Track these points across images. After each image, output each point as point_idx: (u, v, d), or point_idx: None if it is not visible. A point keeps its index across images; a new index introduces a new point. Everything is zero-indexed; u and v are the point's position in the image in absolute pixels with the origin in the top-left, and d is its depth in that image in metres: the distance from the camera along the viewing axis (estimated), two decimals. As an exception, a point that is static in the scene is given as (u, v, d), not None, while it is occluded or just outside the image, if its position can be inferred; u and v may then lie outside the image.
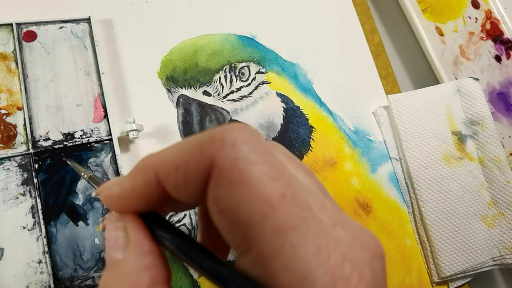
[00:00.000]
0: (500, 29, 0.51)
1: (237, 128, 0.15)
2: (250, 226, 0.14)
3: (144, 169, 0.17)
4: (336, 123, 0.43)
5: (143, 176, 0.17)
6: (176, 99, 0.39)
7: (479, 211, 0.42)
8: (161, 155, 0.16)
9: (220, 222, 0.15)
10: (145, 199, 0.17)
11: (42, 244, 0.31)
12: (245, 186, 0.14)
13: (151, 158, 0.17)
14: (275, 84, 0.42)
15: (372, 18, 0.50)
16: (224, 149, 0.14)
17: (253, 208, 0.14)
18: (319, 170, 0.41)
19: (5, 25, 0.36)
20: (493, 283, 0.49)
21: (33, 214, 0.32)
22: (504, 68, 0.50)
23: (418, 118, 0.43)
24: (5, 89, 0.34)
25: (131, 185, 0.17)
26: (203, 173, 0.15)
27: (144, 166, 0.17)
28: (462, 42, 0.50)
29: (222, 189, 0.14)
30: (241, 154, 0.14)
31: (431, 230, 0.41)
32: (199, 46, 0.41)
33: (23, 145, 0.33)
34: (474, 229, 0.42)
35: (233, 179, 0.14)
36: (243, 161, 0.14)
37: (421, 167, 0.42)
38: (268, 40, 0.44)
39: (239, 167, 0.14)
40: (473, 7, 0.51)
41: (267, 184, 0.14)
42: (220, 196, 0.15)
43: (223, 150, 0.14)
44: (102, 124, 0.36)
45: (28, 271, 0.31)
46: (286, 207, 0.14)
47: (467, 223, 0.42)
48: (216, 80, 0.40)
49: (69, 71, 0.36)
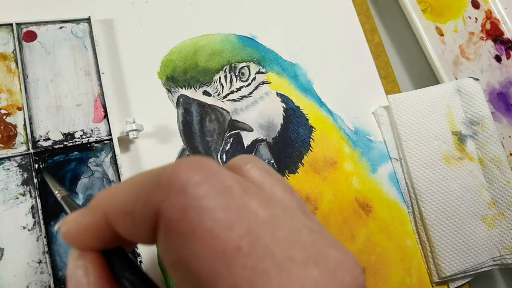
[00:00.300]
0: (500, 29, 0.51)
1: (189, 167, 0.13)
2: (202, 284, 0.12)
3: (94, 210, 0.16)
4: (336, 123, 0.43)
5: (94, 217, 0.16)
6: (176, 99, 0.39)
7: (479, 211, 0.42)
8: (112, 195, 0.15)
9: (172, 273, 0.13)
10: (99, 238, 0.16)
11: (42, 244, 0.31)
12: (196, 240, 0.12)
13: (102, 197, 0.16)
14: (275, 84, 0.42)
15: (372, 18, 0.50)
16: (170, 197, 0.13)
17: (205, 265, 0.12)
18: (319, 170, 0.41)
19: (5, 25, 0.36)
20: (493, 283, 0.49)
21: (33, 214, 0.32)
22: (504, 68, 0.50)
23: (418, 118, 0.43)
24: (5, 89, 0.34)
25: (84, 224, 0.16)
26: (150, 222, 0.13)
27: (95, 206, 0.16)
28: (462, 42, 0.50)
29: (171, 241, 0.13)
30: (191, 202, 0.13)
31: (431, 230, 0.41)
32: (199, 46, 0.41)
33: (23, 145, 0.33)
34: (474, 229, 0.42)
35: (182, 232, 0.12)
36: (193, 210, 0.13)
37: (421, 167, 0.42)
38: (268, 40, 0.44)
39: (188, 217, 0.12)
40: (473, 7, 0.51)
41: (221, 235, 0.12)
42: (169, 247, 0.13)
43: (169, 198, 0.13)
44: (102, 124, 0.36)
45: (28, 271, 0.31)
46: (241, 262, 0.12)
47: (467, 223, 0.42)
48: (216, 80, 0.40)
49: (69, 71, 0.36)
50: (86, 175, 0.34)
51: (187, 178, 0.13)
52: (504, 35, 0.50)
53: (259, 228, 0.13)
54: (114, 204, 0.15)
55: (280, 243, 0.13)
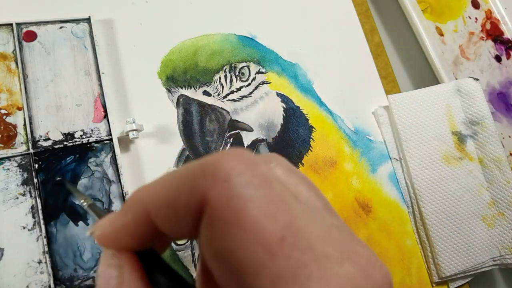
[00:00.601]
0: (500, 29, 0.51)
1: (231, 157, 0.13)
2: (245, 274, 0.12)
3: (134, 206, 0.16)
4: (336, 123, 0.43)
5: (133, 214, 0.16)
6: (176, 99, 0.39)
7: (479, 211, 0.42)
8: (151, 190, 0.15)
9: (213, 265, 0.13)
10: (138, 236, 0.16)
11: (42, 244, 0.31)
12: (241, 229, 0.12)
13: (141, 193, 0.16)
14: (275, 84, 0.42)
15: (372, 18, 0.50)
16: (216, 185, 0.13)
17: (249, 254, 0.12)
18: (319, 170, 0.41)
19: (5, 25, 0.36)
20: (493, 283, 0.49)
21: (33, 214, 0.32)
22: (504, 68, 0.50)
23: (418, 118, 0.43)
24: (5, 89, 0.34)
25: (122, 223, 0.16)
26: (194, 211, 0.13)
27: (134, 202, 0.16)
28: (462, 42, 0.50)
29: (215, 231, 0.13)
30: (236, 190, 0.13)
31: (431, 230, 0.41)
32: (199, 46, 0.41)
33: (23, 145, 0.33)
34: (474, 229, 0.42)
35: (227, 220, 0.13)
36: (238, 199, 0.13)
37: (421, 167, 0.42)
38: (268, 40, 0.44)
39: (234, 206, 0.13)
40: (473, 7, 0.51)
41: (265, 225, 0.12)
42: (212, 237, 0.13)
43: (215, 186, 0.13)
44: (102, 124, 0.36)
45: (28, 271, 0.31)
46: (285, 253, 0.12)
47: (467, 223, 0.42)
48: (216, 80, 0.40)
49: (69, 71, 0.36)
50: (86, 175, 0.34)
51: (232, 167, 0.13)
52: (504, 35, 0.50)
53: (299, 222, 0.13)
54: (155, 197, 0.15)
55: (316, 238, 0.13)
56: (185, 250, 0.35)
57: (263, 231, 0.12)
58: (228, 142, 0.39)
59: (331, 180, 0.41)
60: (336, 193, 0.40)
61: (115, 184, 0.34)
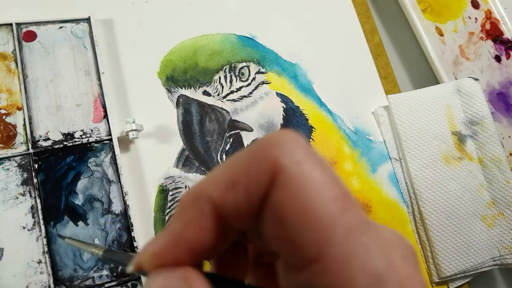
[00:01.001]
0: (500, 29, 0.51)
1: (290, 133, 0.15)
2: (320, 229, 0.13)
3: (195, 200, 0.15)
4: (336, 123, 0.43)
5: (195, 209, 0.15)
6: (176, 99, 0.39)
7: (479, 211, 0.42)
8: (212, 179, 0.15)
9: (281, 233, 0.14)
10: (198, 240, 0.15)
11: (42, 244, 0.31)
12: (312, 187, 0.14)
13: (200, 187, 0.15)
14: (275, 84, 0.42)
15: (372, 18, 0.50)
16: (287, 152, 0.14)
17: (323, 209, 0.13)
18: (319, 170, 0.41)
19: (5, 25, 0.36)
20: (493, 283, 0.49)
21: (33, 214, 0.32)
22: (504, 68, 0.50)
23: (418, 118, 0.43)
24: (5, 89, 0.34)
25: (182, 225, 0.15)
26: (266, 180, 0.14)
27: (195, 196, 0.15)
28: (462, 42, 0.50)
29: (288, 192, 0.14)
30: (303, 156, 0.14)
31: (431, 230, 0.41)
32: (199, 46, 0.41)
33: (23, 145, 0.33)
34: (474, 229, 0.42)
35: (300, 180, 0.14)
36: (306, 163, 0.14)
37: (421, 167, 0.42)
38: (268, 40, 0.44)
39: (304, 168, 0.14)
40: (473, 7, 0.51)
41: (332, 185, 0.14)
42: (285, 199, 0.14)
43: (286, 153, 0.14)
44: (102, 124, 0.36)
45: (28, 271, 0.31)
46: (352, 208, 0.14)
47: (467, 223, 0.42)
48: (216, 80, 0.40)
49: (69, 71, 0.36)
50: (86, 175, 0.34)
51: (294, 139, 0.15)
52: (504, 35, 0.50)
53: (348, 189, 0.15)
54: (220, 183, 0.15)
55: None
56: (185, 250, 0.35)
57: (331, 189, 0.14)
58: (228, 142, 0.39)
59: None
60: (336, 193, 0.40)
61: (115, 184, 0.34)
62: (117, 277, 0.32)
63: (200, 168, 0.37)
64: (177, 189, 0.36)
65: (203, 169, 0.37)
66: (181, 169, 0.37)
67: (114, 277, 0.32)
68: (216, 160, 0.38)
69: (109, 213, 0.33)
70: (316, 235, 0.13)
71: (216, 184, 0.15)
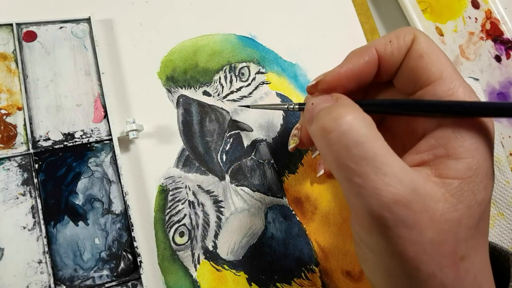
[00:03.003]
0: (500, 29, 0.51)
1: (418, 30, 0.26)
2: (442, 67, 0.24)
3: (367, 49, 0.26)
4: (336, 123, 0.43)
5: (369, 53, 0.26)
6: (176, 99, 0.39)
7: (478, 211, 0.42)
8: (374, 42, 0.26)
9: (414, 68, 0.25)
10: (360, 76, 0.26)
11: (42, 244, 0.31)
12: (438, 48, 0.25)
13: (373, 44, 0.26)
14: (275, 84, 0.42)
15: (372, 18, 0.50)
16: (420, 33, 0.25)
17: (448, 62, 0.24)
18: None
19: (5, 25, 0.36)
20: (492, 283, 0.49)
21: (33, 214, 0.32)
22: (504, 68, 0.50)
23: (418, 118, 0.43)
24: (5, 89, 0.34)
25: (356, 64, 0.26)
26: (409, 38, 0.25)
27: (365, 48, 0.26)
28: (462, 42, 0.50)
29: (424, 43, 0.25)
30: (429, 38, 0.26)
31: (431, 230, 0.41)
32: (199, 46, 0.41)
33: (23, 145, 0.33)
34: (474, 229, 0.42)
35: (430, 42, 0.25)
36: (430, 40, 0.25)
37: (421, 167, 0.42)
38: (268, 40, 0.44)
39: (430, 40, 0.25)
40: (473, 7, 0.51)
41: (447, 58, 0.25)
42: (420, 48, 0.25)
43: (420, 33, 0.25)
44: (102, 124, 0.36)
45: (28, 271, 0.31)
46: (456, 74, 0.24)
47: (466, 223, 0.42)
48: (216, 80, 0.40)
49: (69, 71, 0.36)
50: (86, 175, 0.34)
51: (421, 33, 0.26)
52: (504, 35, 0.50)
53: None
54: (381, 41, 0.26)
55: None
56: (185, 250, 0.35)
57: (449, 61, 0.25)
58: (228, 142, 0.39)
59: (331, 180, 0.41)
60: (336, 193, 0.40)
61: (115, 184, 0.34)
62: (117, 277, 0.32)
63: (200, 168, 0.37)
64: (177, 189, 0.36)
65: (203, 169, 0.37)
66: (181, 169, 0.37)
67: (114, 277, 0.32)
68: (216, 160, 0.38)
69: (109, 213, 0.34)
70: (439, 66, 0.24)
71: (378, 42, 0.26)
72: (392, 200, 0.19)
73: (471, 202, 0.20)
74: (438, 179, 0.21)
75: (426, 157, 0.22)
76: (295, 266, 0.37)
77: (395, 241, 0.20)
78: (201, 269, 0.35)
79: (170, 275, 0.34)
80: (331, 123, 0.21)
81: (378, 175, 0.19)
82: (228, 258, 0.35)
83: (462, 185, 0.20)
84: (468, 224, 0.20)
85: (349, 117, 0.21)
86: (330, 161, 0.22)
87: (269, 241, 0.37)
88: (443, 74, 0.23)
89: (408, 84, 0.25)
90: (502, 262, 0.25)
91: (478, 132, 0.21)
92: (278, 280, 0.36)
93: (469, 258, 0.20)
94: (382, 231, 0.20)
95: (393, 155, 0.20)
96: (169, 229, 0.35)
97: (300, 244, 0.37)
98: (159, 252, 0.34)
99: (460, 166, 0.21)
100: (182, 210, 0.36)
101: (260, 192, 0.38)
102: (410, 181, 0.20)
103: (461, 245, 0.20)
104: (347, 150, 0.20)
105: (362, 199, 0.20)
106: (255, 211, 0.37)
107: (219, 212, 0.36)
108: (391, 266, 0.21)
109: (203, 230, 0.36)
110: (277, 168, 0.39)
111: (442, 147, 0.22)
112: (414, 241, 0.19)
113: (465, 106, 0.21)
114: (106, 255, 0.32)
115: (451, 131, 0.22)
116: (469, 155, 0.21)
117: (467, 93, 0.23)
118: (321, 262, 0.37)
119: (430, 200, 0.20)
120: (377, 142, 0.20)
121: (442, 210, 0.20)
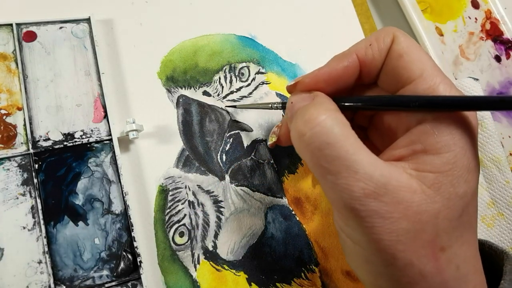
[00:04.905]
0: (500, 29, 0.51)
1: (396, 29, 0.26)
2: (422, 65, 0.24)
3: (347, 54, 0.26)
4: (336, 123, 0.43)
5: (348, 58, 0.26)
6: (176, 99, 0.39)
7: (478, 211, 0.42)
8: (355, 46, 0.27)
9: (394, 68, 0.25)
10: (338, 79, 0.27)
11: (42, 244, 0.31)
12: (417, 46, 0.25)
13: (352, 49, 0.27)
14: (275, 84, 0.42)
15: (372, 18, 0.50)
16: (400, 32, 0.25)
17: (428, 60, 0.24)
18: (318, 170, 0.41)
19: (5, 25, 0.36)
20: (492, 283, 0.49)
21: (33, 214, 0.32)
22: (504, 68, 0.50)
23: (418, 118, 0.43)
24: (5, 89, 0.34)
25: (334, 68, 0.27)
26: (389, 39, 0.25)
27: (346, 53, 0.27)
28: (462, 42, 0.50)
29: (403, 43, 0.25)
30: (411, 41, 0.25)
31: (431, 230, 0.41)
32: (199, 46, 0.41)
33: (23, 145, 0.33)
34: (474, 229, 0.42)
35: (409, 41, 0.25)
36: (409, 39, 0.25)
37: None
38: (268, 40, 0.44)
39: (410, 39, 0.25)
40: (473, 7, 0.51)
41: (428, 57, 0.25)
42: (400, 48, 0.25)
43: (399, 32, 0.25)
44: (102, 124, 0.36)
45: (28, 271, 0.31)
46: (437, 72, 0.24)
47: (466, 223, 0.42)
48: (216, 81, 0.40)
49: (69, 71, 0.36)
50: (86, 175, 0.34)
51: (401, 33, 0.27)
52: (504, 35, 0.50)
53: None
54: (361, 45, 0.26)
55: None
56: (185, 250, 0.35)
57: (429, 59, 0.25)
58: (228, 142, 0.39)
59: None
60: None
61: (115, 184, 0.34)
62: (117, 277, 0.32)
63: (200, 168, 0.37)
64: (177, 189, 0.36)
65: (203, 169, 0.37)
66: (181, 169, 0.37)
67: (114, 277, 0.32)
68: (216, 160, 0.38)
69: (109, 213, 0.34)
70: (419, 65, 0.24)
71: (358, 46, 0.26)
72: (363, 194, 0.20)
73: (450, 194, 0.21)
74: (414, 171, 0.22)
75: (404, 152, 0.23)
76: (295, 266, 0.37)
77: (370, 230, 0.21)
78: (201, 269, 0.35)
79: (170, 275, 0.34)
80: (304, 126, 0.22)
81: (350, 172, 0.21)
82: (228, 258, 0.35)
83: (439, 178, 0.21)
84: (449, 216, 0.21)
85: (321, 118, 0.22)
86: (307, 160, 0.23)
87: (269, 241, 0.37)
88: (424, 72, 0.23)
89: (390, 84, 0.26)
90: (497, 261, 0.25)
91: (457, 127, 0.22)
92: (278, 280, 0.36)
93: (451, 249, 0.21)
94: (358, 221, 0.21)
95: (364, 152, 0.21)
96: (169, 229, 0.35)
97: (300, 244, 0.37)
98: (159, 252, 0.34)
99: (436, 161, 0.21)
100: (182, 210, 0.36)
101: (260, 192, 0.38)
102: (380, 175, 0.21)
103: (441, 236, 0.21)
104: (320, 150, 0.21)
105: (337, 193, 0.21)
106: (255, 211, 0.37)
107: (219, 212, 0.36)
108: (369, 254, 0.21)
109: (203, 230, 0.36)
110: (277, 168, 0.39)
111: (420, 142, 0.22)
112: (388, 230, 0.20)
113: (435, 101, 0.22)
114: (106, 255, 0.32)
115: (429, 127, 0.22)
116: (446, 149, 0.21)
117: (448, 89, 0.23)
118: (321, 262, 0.37)
119: (405, 191, 0.21)
120: (348, 141, 0.21)
121: (419, 201, 0.20)
